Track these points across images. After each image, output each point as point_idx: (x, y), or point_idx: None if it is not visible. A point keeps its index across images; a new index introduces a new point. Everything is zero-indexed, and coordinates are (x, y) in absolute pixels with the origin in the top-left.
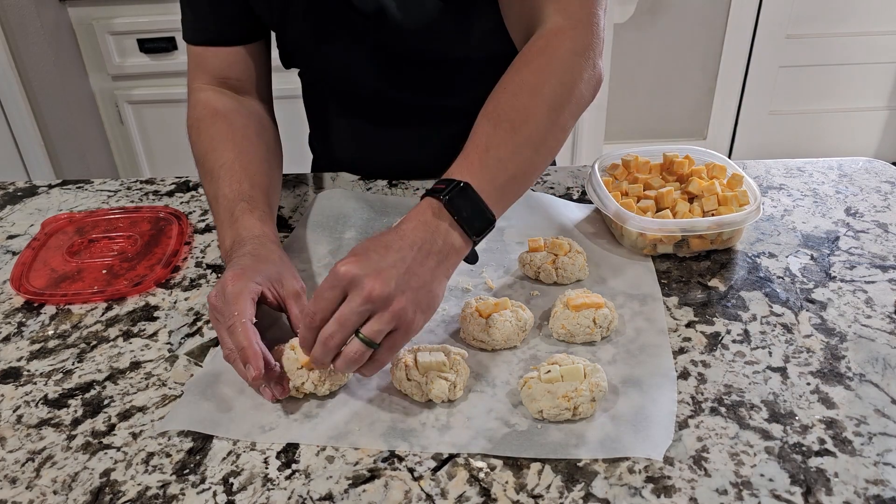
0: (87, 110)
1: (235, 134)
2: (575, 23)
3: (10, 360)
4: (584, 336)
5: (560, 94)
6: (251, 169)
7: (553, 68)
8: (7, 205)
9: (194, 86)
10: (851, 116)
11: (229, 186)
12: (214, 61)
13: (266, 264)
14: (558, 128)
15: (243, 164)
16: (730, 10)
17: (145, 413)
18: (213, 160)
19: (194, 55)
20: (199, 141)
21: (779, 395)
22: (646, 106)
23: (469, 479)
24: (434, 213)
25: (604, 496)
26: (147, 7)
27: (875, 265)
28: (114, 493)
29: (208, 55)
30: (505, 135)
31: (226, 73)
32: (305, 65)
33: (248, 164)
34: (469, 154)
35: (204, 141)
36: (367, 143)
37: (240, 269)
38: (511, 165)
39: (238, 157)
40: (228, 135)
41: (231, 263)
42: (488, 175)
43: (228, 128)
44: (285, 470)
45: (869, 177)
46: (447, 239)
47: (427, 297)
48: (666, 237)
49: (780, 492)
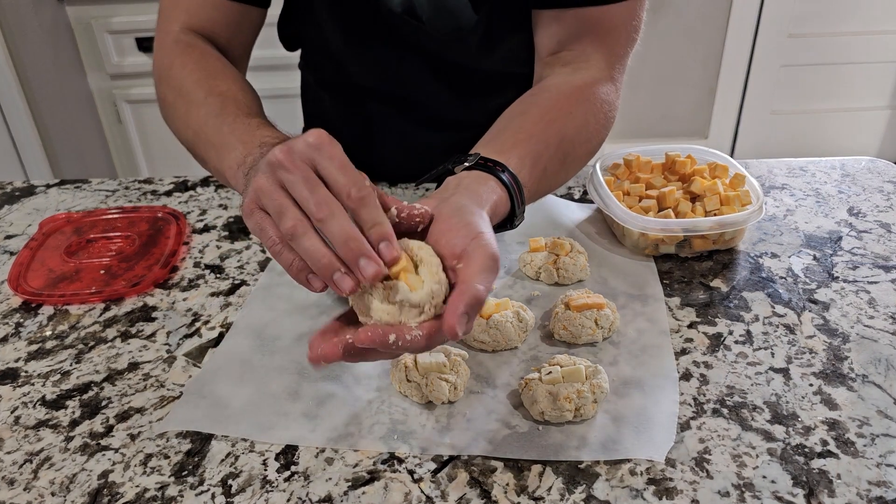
0: (85, 110)
1: (230, 70)
2: (614, 78)
3: (8, 361)
4: (585, 337)
5: (590, 152)
6: (253, 97)
7: (598, 124)
8: (5, 204)
9: (172, 27)
10: (854, 116)
11: (235, 105)
12: (208, 9)
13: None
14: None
15: (245, 93)
16: (731, 9)
17: (143, 414)
18: (206, 90)
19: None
20: (182, 74)
21: (781, 397)
22: (647, 105)
23: (469, 480)
24: (491, 188)
25: (605, 498)
26: (145, 6)
27: (878, 265)
28: (112, 494)
29: (206, 4)
30: (556, 162)
31: (216, 29)
32: (320, 52)
33: (250, 94)
34: (528, 165)
35: (192, 72)
36: (370, 145)
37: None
38: (544, 187)
39: (240, 88)
40: (227, 71)
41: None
42: (531, 194)
43: (224, 66)
44: (284, 472)
45: (871, 176)
46: (495, 209)
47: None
48: (668, 237)
49: (783, 493)
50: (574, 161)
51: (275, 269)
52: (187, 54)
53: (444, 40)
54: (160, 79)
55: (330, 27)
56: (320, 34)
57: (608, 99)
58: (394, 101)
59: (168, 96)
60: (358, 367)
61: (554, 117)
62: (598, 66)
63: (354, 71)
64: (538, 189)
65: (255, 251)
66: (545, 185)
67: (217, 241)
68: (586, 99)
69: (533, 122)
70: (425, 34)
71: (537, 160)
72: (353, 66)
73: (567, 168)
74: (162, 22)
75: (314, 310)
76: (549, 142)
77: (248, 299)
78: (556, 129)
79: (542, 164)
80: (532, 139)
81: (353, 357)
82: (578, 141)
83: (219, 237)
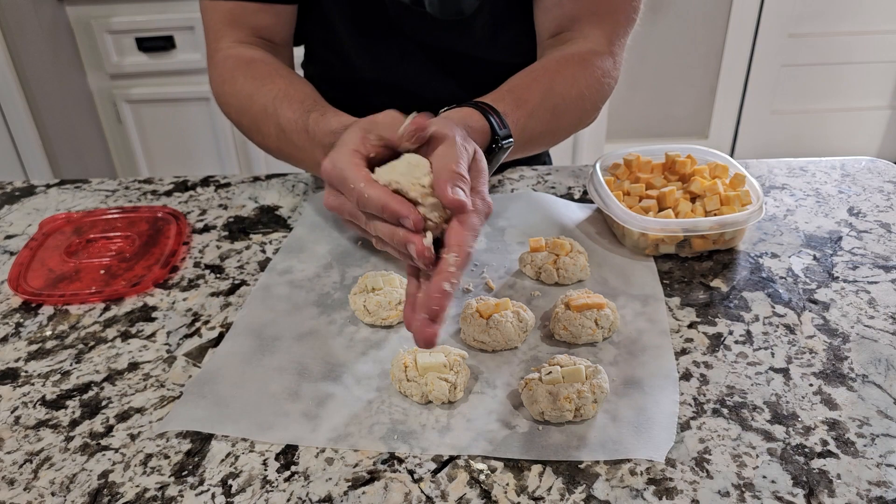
0: (85, 109)
1: (280, 69)
2: (614, 54)
3: (8, 361)
4: (585, 337)
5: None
6: (306, 90)
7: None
8: (5, 205)
9: (219, 45)
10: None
11: (291, 110)
12: (249, 19)
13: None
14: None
15: (297, 88)
16: (731, 9)
17: (143, 414)
18: (262, 97)
19: (222, 12)
20: (236, 90)
21: (781, 397)
22: (648, 105)
23: (469, 481)
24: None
25: (605, 498)
26: (145, 6)
27: (878, 265)
28: (112, 494)
29: (241, 11)
30: (545, 111)
31: (260, 34)
32: (325, 46)
33: (302, 86)
34: (519, 107)
35: (244, 86)
36: None
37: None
38: (534, 129)
39: (289, 84)
40: (273, 71)
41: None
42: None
43: (269, 67)
44: (284, 472)
45: (872, 176)
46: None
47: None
48: (668, 237)
49: (783, 493)
50: (565, 114)
51: (275, 268)
52: (237, 68)
53: (448, 30)
54: (217, 96)
55: (336, 21)
56: (326, 28)
57: (604, 67)
58: (399, 94)
59: (231, 114)
60: (358, 367)
61: (540, 76)
62: (597, 41)
63: (359, 64)
64: (527, 126)
65: (255, 251)
66: (534, 127)
67: (217, 241)
68: (578, 63)
69: (518, 79)
70: (430, 24)
71: (521, 103)
72: (358, 60)
73: (558, 119)
74: (209, 42)
75: (314, 309)
76: (534, 91)
77: (248, 299)
78: (543, 83)
79: (528, 107)
80: (515, 90)
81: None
82: (569, 96)
83: (219, 237)
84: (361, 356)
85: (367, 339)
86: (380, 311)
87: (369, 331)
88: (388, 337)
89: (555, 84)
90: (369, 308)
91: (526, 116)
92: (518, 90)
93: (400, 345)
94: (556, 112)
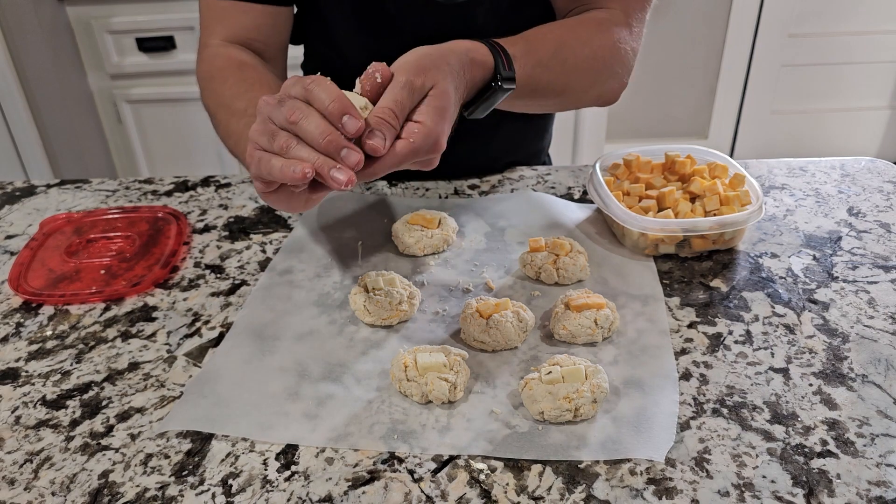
0: (85, 110)
1: (271, 80)
2: (631, 25)
3: (9, 361)
4: (585, 337)
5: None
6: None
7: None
8: (5, 205)
9: (211, 41)
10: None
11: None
12: (242, 18)
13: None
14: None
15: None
16: (731, 9)
17: (144, 414)
18: (246, 101)
19: (217, 9)
20: (223, 88)
21: (781, 397)
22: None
23: (469, 480)
24: (481, 80)
25: (605, 498)
26: (146, 6)
27: (878, 265)
28: (112, 494)
29: (235, 11)
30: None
31: (251, 35)
32: (325, 43)
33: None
34: (529, 53)
35: (231, 86)
36: None
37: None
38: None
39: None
40: (264, 78)
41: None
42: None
43: (258, 73)
44: (284, 471)
45: (871, 176)
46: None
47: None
48: (668, 237)
49: (783, 493)
50: (575, 71)
51: (275, 269)
52: (227, 68)
53: (449, 18)
54: (202, 89)
55: (335, 16)
56: (324, 24)
57: (620, 34)
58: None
59: (210, 107)
60: (358, 367)
61: (555, 28)
62: (614, 13)
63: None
64: (533, 74)
65: (256, 251)
66: (542, 76)
67: (217, 241)
68: (593, 25)
69: (533, 30)
70: (431, 13)
71: (532, 50)
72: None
73: (568, 75)
74: (203, 36)
75: (314, 309)
76: (547, 41)
77: (249, 299)
78: (556, 35)
79: (538, 55)
80: (529, 37)
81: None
82: (581, 53)
83: (219, 237)
84: (361, 356)
85: (367, 339)
86: (380, 311)
87: (369, 331)
88: (388, 337)
89: (567, 39)
90: (369, 308)
91: (533, 64)
92: (531, 38)
93: (400, 345)
94: (566, 66)
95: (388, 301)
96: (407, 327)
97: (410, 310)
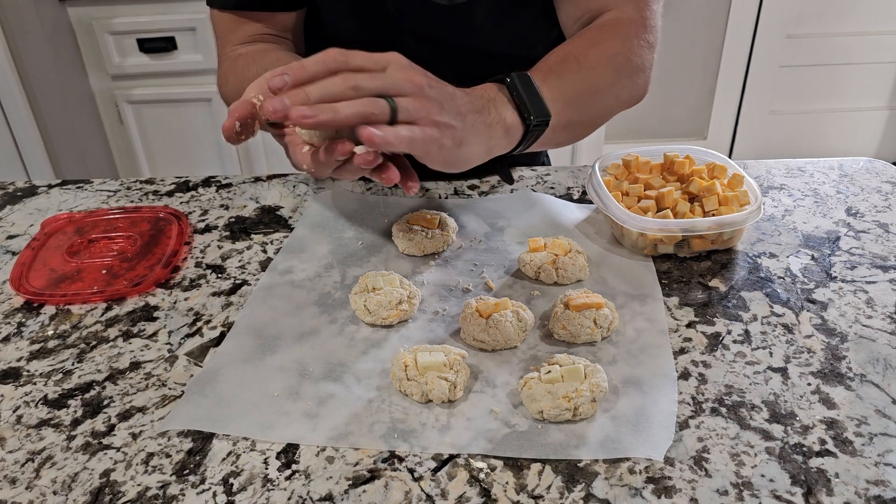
0: (86, 110)
1: (263, 53)
2: (645, 19)
3: (10, 361)
4: (584, 336)
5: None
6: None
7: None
8: (7, 205)
9: (225, 50)
10: (852, 116)
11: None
12: (252, 27)
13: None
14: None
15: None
16: (730, 10)
17: (145, 413)
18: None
19: (227, 21)
20: (228, 89)
21: (779, 396)
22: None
23: (469, 479)
24: (495, 90)
25: (604, 497)
26: (147, 7)
27: (876, 265)
28: (113, 493)
29: (245, 20)
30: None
31: (267, 31)
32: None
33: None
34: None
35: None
36: None
37: None
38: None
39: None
40: (256, 57)
41: None
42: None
43: (254, 54)
44: (285, 470)
45: (870, 177)
46: (500, 112)
47: (462, 135)
48: (666, 237)
49: (781, 492)
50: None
51: (276, 268)
52: (238, 61)
53: (448, 18)
54: (222, 97)
55: (334, 17)
56: (323, 25)
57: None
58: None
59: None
60: (359, 366)
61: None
62: (624, 10)
63: None
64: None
65: (256, 251)
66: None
67: (218, 241)
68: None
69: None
70: (430, 14)
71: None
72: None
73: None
74: (218, 48)
75: (315, 309)
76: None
77: (250, 299)
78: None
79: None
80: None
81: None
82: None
83: (220, 237)
84: (362, 355)
85: (368, 339)
86: (380, 310)
87: (370, 330)
88: (388, 336)
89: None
90: (370, 308)
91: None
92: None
93: (400, 344)
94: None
95: (389, 301)
96: (407, 327)
97: (410, 309)
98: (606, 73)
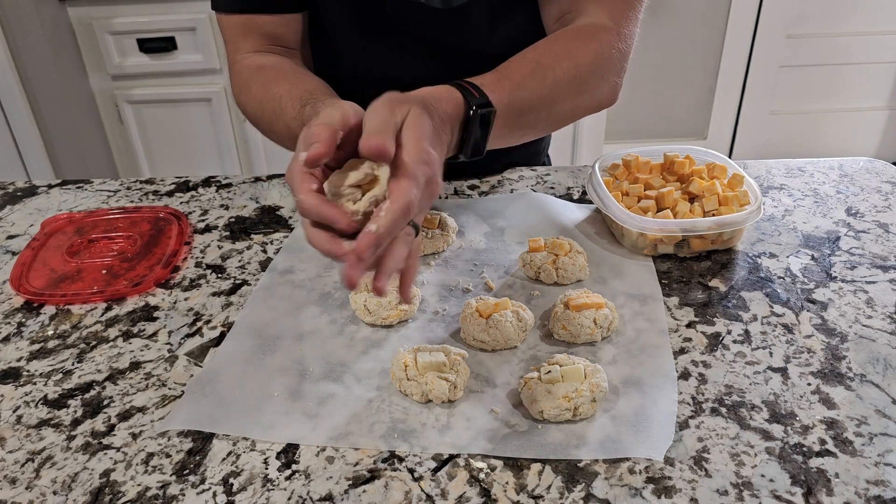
0: (86, 110)
1: (286, 72)
2: (619, 27)
3: (10, 361)
4: (584, 336)
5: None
6: (308, 86)
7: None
8: (7, 205)
9: (237, 57)
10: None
11: (292, 108)
12: (258, 30)
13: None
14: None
15: (299, 86)
16: (730, 10)
17: (145, 413)
18: (270, 101)
19: (234, 25)
20: (250, 98)
21: (779, 396)
22: (646, 106)
23: (469, 479)
24: (456, 114)
25: (604, 497)
26: (147, 7)
27: (876, 265)
28: (113, 493)
29: (259, 21)
30: (537, 84)
31: (270, 42)
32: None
33: (305, 83)
34: (502, 80)
35: (256, 92)
36: None
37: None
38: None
39: (293, 84)
40: (279, 74)
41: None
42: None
43: (276, 70)
44: (285, 470)
45: (870, 177)
46: (448, 135)
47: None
48: (666, 237)
49: (781, 492)
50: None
51: (276, 268)
52: (250, 77)
53: (445, 21)
54: (238, 105)
55: (333, 19)
56: (323, 27)
57: (604, 38)
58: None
59: (251, 121)
60: (359, 366)
61: (527, 53)
62: (599, 17)
63: (356, 62)
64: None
65: (256, 251)
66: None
67: (218, 241)
68: (572, 35)
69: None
70: (428, 16)
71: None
72: (355, 58)
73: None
74: (228, 53)
75: (315, 309)
76: (521, 65)
77: (249, 299)
78: (530, 58)
79: (515, 79)
80: (500, 68)
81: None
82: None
83: (220, 237)
84: (362, 355)
85: (368, 339)
86: (380, 310)
87: (370, 330)
88: (388, 336)
89: (543, 57)
90: (370, 308)
91: (511, 88)
92: (503, 69)
93: (400, 344)
94: (546, 82)
95: (389, 301)
96: (407, 327)
97: (410, 309)
98: (563, 67)
